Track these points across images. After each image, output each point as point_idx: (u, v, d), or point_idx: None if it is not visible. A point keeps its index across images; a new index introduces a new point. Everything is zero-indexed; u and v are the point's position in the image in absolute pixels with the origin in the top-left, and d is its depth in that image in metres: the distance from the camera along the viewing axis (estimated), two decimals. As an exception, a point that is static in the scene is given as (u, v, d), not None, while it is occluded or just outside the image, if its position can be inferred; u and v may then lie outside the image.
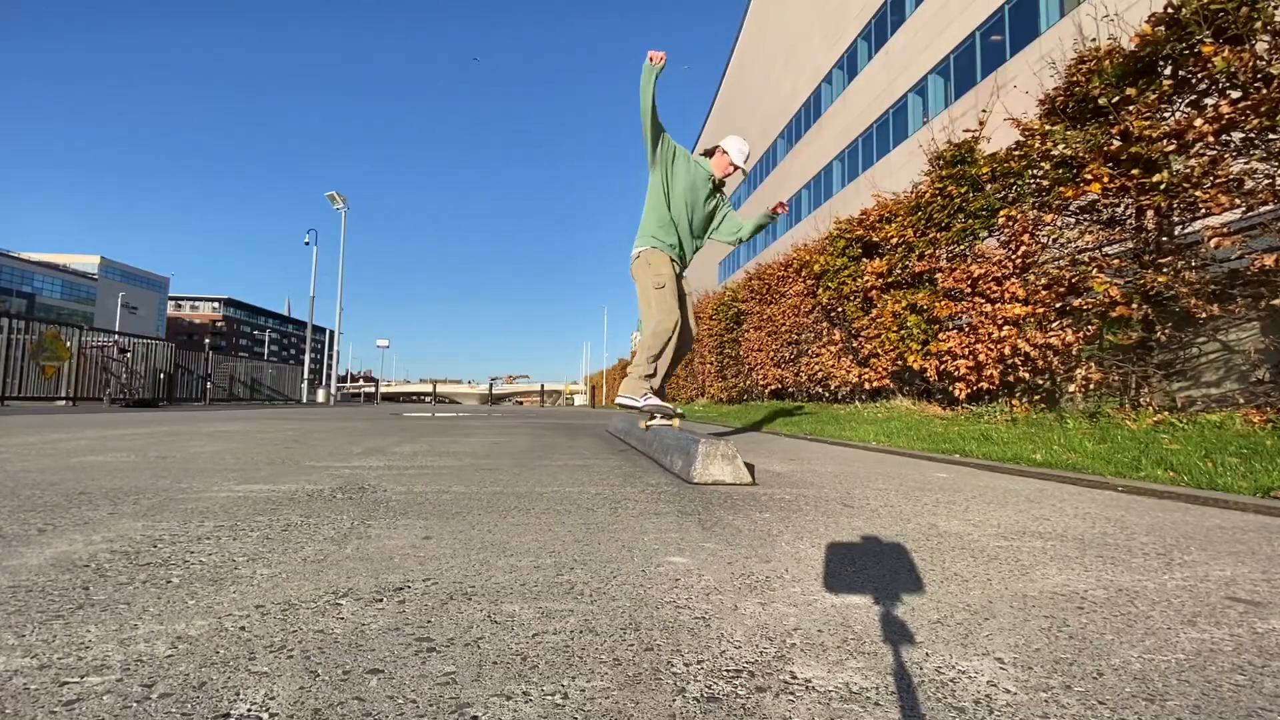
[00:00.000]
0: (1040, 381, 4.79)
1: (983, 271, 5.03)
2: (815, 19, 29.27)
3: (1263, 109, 3.13)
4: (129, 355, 13.93)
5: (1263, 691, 0.71)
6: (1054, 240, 4.47)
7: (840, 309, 7.43)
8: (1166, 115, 3.70)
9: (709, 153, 3.66)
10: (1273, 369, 3.47)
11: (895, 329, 6.25)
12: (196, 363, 16.80)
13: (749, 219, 3.79)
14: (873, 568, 1.22)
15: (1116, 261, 4.07)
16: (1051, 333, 4.30)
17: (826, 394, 8.77)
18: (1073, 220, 4.38)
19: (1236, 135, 3.35)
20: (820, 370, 8.13)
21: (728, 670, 0.74)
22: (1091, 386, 4.14)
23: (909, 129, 21.39)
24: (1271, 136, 3.21)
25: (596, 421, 8.74)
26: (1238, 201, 3.33)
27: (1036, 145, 4.47)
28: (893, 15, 22.93)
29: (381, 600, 0.97)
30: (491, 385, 38.02)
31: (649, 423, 3.55)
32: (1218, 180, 3.35)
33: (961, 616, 0.95)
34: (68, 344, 12.44)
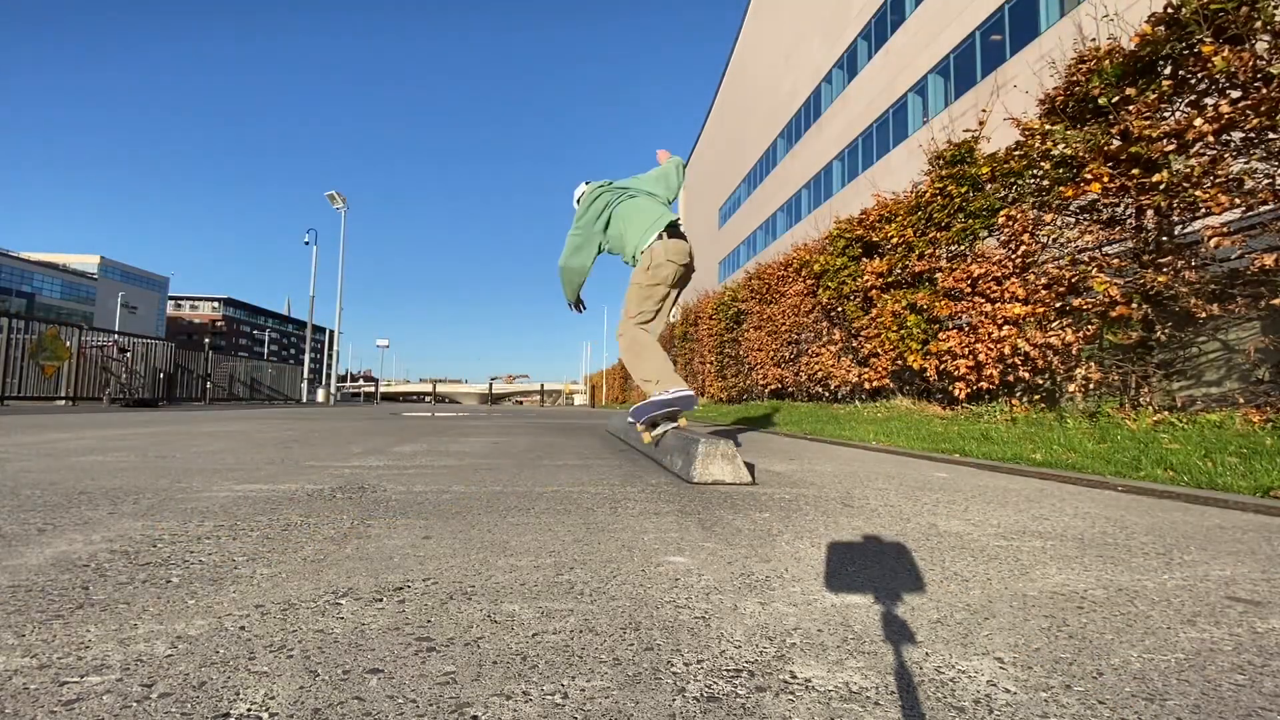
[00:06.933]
0: (1040, 381, 4.78)
1: (983, 271, 5.03)
2: (815, 19, 29.24)
3: (1263, 109, 3.12)
4: (129, 355, 13.91)
5: (1263, 691, 0.71)
6: (1054, 240, 4.46)
7: (840, 309, 7.43)
8: (1166, 115, 3.70)
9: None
10: (1273, 368, 3.47)
11: (895, 329, 6.25)
12: (196, 362, 16.78)
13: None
14: (873, 567, 1.22)
15: (1116, 261, 4.07)
16: (1051, 332, 4.30)
17: (826, 394, 8.76)
18: (1073, 220, 4.38)
19: (1236, 135, 3.35)
20: (820, 370, 8.13)
21: (728, 670, 0.74)
22: (1091, 386, 4.14)
23: (909, 129, 21.39)
24: (1271, 136, 3.21)
25: (596, 421, 8.74)
26: (1238, 201, 3.33)
27: (1036, 145, 4.46)
28: (893, 15, 22.92)
29: (381, 600, 0.97)
30: (491, 385, 38.06)
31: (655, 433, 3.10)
32: (1218, 180, 3.35)
33: (961, 616, 0.95)
34: (67, 344, 12.43)
